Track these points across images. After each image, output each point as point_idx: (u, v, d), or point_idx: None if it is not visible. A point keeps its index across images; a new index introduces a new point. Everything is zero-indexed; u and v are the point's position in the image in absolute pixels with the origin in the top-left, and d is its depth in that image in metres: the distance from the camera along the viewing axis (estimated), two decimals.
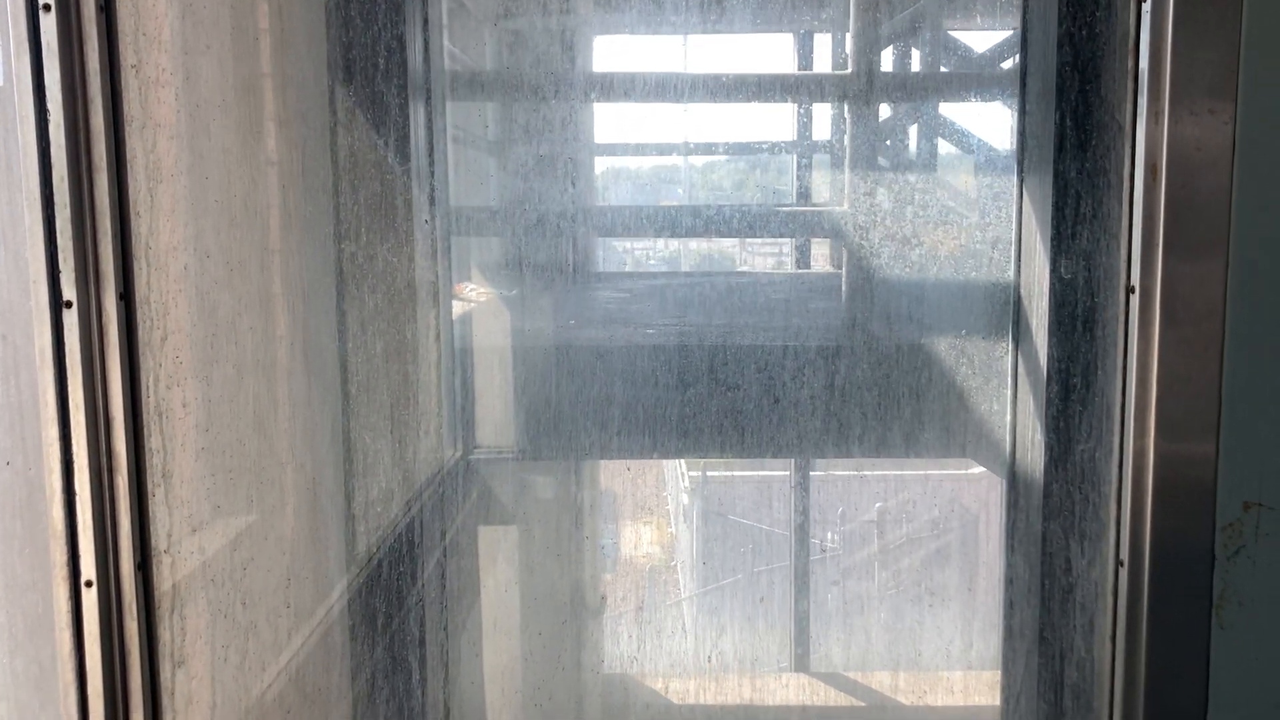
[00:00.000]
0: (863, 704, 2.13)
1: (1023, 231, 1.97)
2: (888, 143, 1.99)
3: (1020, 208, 1.96)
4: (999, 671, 2.07)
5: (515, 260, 1.91)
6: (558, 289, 1.95)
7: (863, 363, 1.91)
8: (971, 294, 2.01)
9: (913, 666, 2.11)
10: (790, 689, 2.16)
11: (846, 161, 2.01)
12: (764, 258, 2.66)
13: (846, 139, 1.98)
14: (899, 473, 2.24)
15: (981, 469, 2.10)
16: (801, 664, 2.25)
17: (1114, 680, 1.89)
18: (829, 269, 2.13)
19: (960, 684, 2.11)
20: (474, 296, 1.96)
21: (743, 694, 2.09)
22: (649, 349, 1.86)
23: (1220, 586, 1.80)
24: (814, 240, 2.24)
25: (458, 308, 1.96)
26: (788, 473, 2.35)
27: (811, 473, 2.33)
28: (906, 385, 1.93)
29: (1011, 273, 1.99)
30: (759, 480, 2.41)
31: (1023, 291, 1.99)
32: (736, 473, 2.44)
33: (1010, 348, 1.99)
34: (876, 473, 2.26)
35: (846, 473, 2.33)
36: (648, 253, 2.20)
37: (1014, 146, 1.93)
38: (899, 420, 1.93)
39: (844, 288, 2.02)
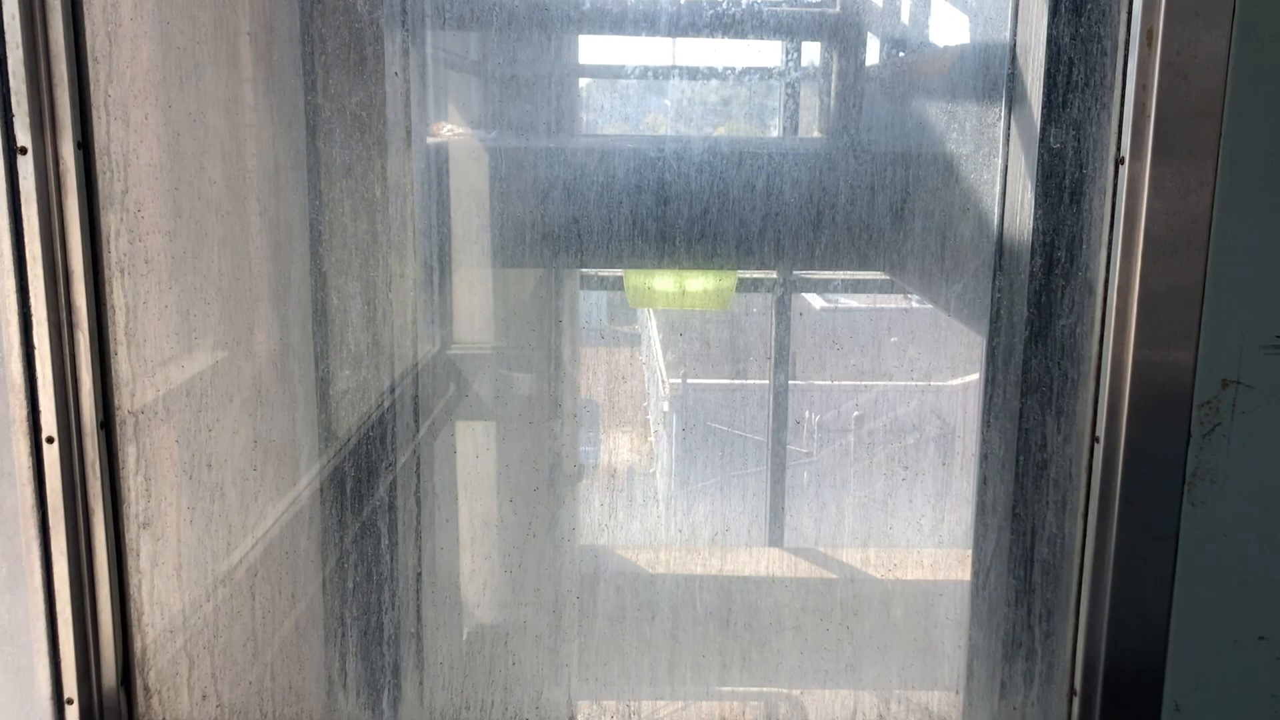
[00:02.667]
0: (835, 576, 2.15)
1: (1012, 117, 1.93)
2: None
3: (1012, 73, 1.91)
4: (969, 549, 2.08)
5: (494, 107, 1.87)
6: (538, 131, 1.92)
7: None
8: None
9: (884, 542, 2.12)
10: (763, 562, 2.18)
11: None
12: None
13: None
14: (878, 384, 2.21)
15: (963, 380, 2.08)
16: (775, 540, 2.28)
17: (1084, 557, 1.89)
18: (816, 135, 2.08)
19: (930, 561, 2.12)
20: (450, 135, 1.92)
21: (715, 566, 2.11)
22: (630, 153, 1.86)
23: (1194, 464, 1.80)
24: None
25: (435, 143, 1.93)
26: (767, 381, 2.33)
27: (791, 381, 2.32)
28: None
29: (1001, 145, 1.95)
30: (737, 389, 2.39)
31: (1010, 170, 1.95)
32: (715, 381, 2.42)
33: (996, 223, 1.95)
34: (855, 383, 2.24)
35: (825, 382, 2.31)
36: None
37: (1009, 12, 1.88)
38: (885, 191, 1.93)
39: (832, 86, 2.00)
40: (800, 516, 2.19)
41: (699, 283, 2.12)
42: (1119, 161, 1.76)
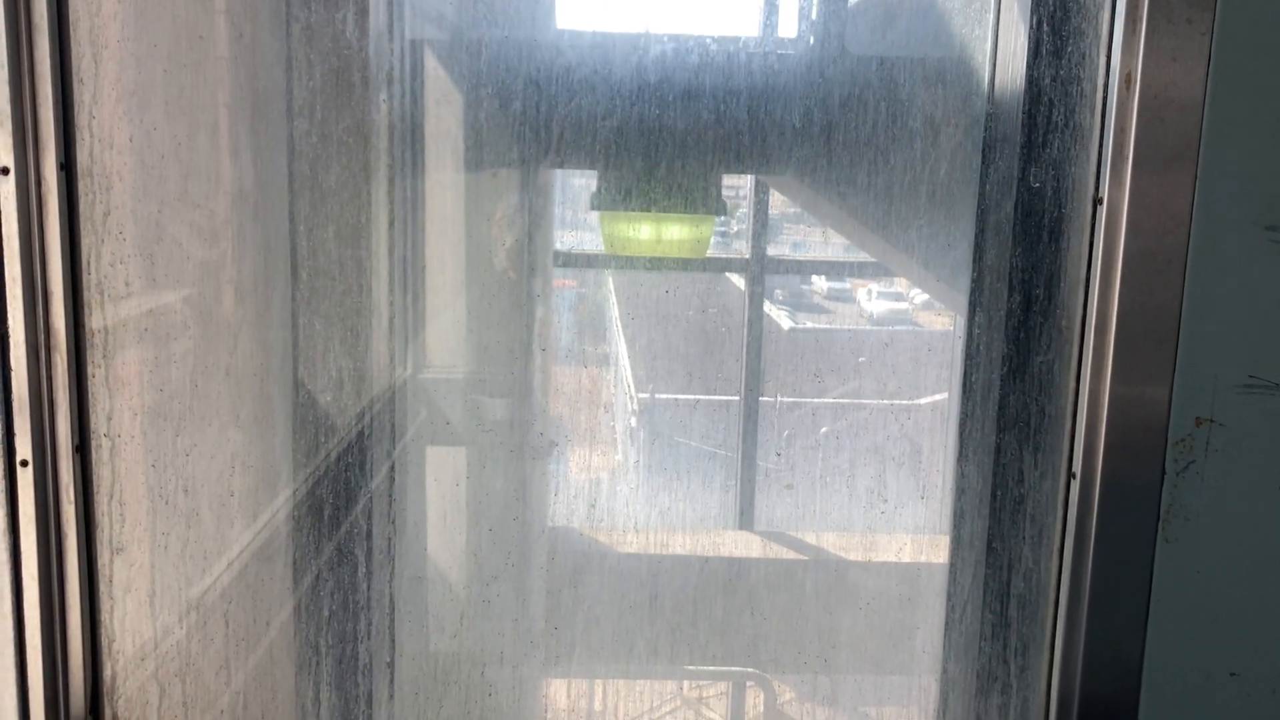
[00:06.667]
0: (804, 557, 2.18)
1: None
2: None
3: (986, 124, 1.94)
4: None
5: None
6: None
7: None
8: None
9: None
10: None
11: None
12: None
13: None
14: (852, 401, 2.23)
15: (932, 398, 2.10)
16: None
17: (1059, 591, 1.91)
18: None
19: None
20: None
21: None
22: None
23: (1168, 501, 1.82)
24: None
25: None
26: (737, 397, 2.34)
27: (761, 398, 2.33)
28: None
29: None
30: (705, 404, 2.40)
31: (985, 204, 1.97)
32: (683, 396, 2.43)
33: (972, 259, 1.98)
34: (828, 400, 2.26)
35: (794, 399, 2.33)
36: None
37: (989, 52, 1.91)
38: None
39: None
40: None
41: (676, 230, 2.11)
42: (1097, 202, 1.78)
